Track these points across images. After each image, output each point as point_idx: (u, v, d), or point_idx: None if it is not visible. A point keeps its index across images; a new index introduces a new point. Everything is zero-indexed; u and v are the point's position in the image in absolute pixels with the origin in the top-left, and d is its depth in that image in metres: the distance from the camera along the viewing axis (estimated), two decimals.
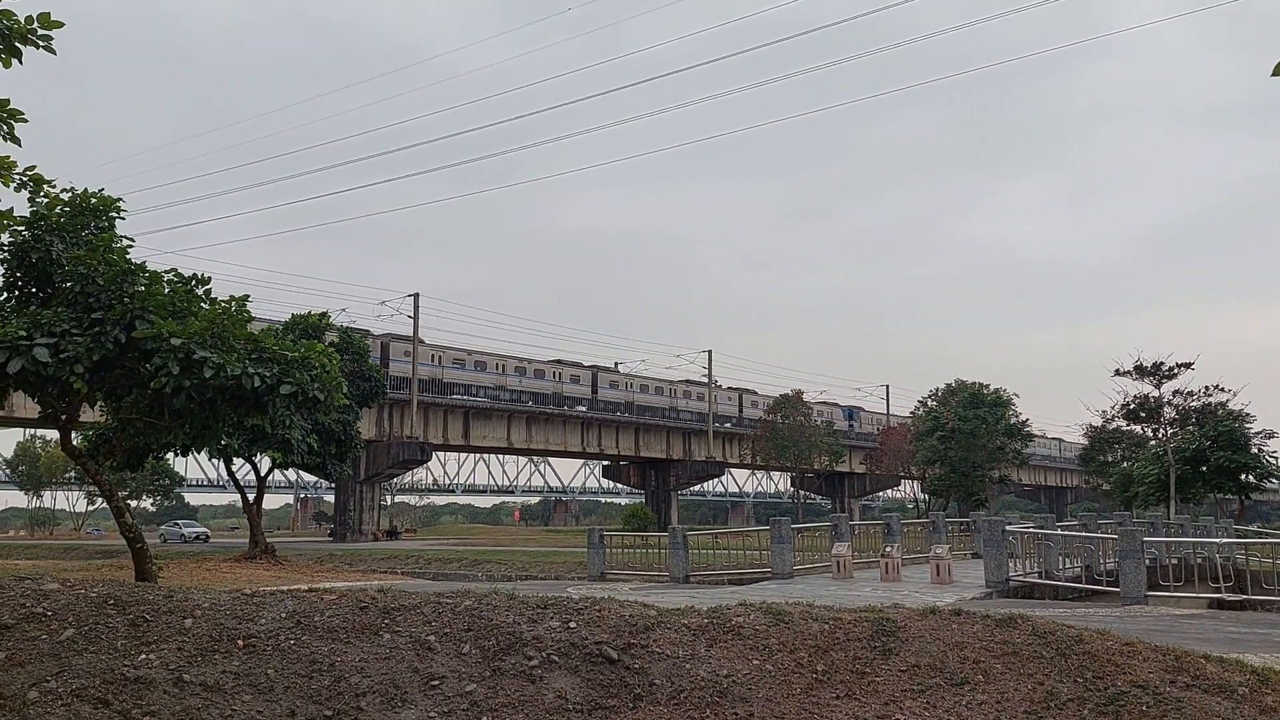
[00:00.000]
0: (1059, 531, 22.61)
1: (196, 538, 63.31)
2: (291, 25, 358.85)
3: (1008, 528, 20.21)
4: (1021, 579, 19.19)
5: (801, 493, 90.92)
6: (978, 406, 59.67)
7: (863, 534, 27.53)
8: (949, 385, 64.95)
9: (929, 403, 66.62)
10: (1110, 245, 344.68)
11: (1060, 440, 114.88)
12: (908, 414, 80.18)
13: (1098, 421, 55.30)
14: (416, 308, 62.65)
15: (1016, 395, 62.29)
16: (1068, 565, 20.70)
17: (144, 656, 7.78)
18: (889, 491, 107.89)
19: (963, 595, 17.05)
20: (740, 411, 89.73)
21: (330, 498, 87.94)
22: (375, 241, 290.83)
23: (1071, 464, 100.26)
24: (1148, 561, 18.07)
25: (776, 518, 23.68)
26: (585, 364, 79.60)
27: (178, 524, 70.44)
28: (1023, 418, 62.19)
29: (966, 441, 58.75)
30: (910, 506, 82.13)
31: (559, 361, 77.10)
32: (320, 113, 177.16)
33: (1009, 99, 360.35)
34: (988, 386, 62.18)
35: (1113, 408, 49.95)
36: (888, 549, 21.78)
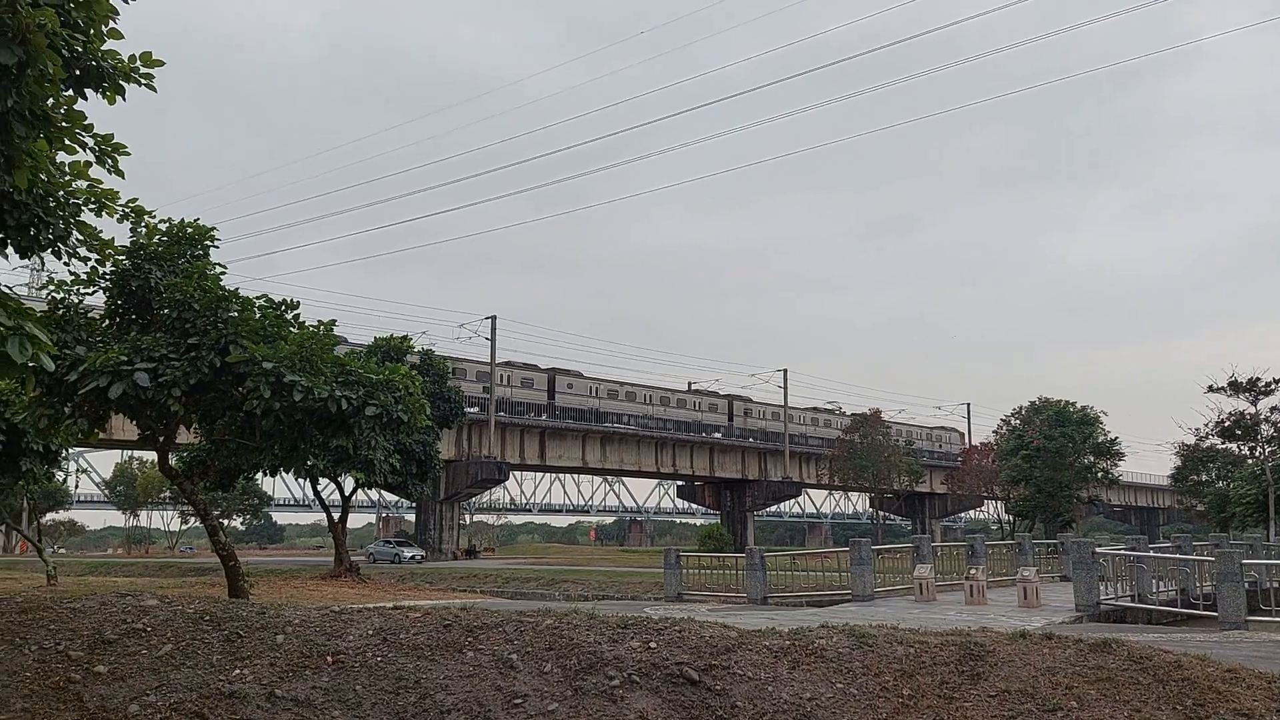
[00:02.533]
0: (1152, 553, 21.86)
1: (412, 559, 55.18)
2: (371, 57, 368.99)
3: (1098, 549, 19.62)
4: (1113, 603, 18.59)
5: (881, 513, 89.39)
6: (1064, 424, 58.04)
7: (945, 555, 26.94)
8: (1033, 403, 63.30)
9: (1012, 421, 65.02)
10: (1193, 259, 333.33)
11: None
12: (990, 433, 78.32)
13: (1190, 439, 53.37)
14: (494, 330, 63.53)
15: (1104, 413, 60.46)
16: (1161, 589, 20.00)
17: (238, 672, 8.02)
18: (971, 512, 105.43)
19: (1052, 619, 16.59)
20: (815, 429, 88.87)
21: (411, 517, 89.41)
22: (453, 265, 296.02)
23: (1162, 484, 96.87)
24: (1247, 585, 17.36)
25: (856, 539, 23.35)
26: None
27: (390, 542, 63.10)
28: (1111, 436, 60.33)
29: (1052, 461, 57.13)
30: (994, 528, 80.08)
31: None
32: (398, 141, 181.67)
33: (1088, 112, 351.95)
34: (1074, 404, 60.48)
35: (1206, 425, 48.21)
36: (972, 571, 21.29)
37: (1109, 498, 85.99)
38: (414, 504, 66.82)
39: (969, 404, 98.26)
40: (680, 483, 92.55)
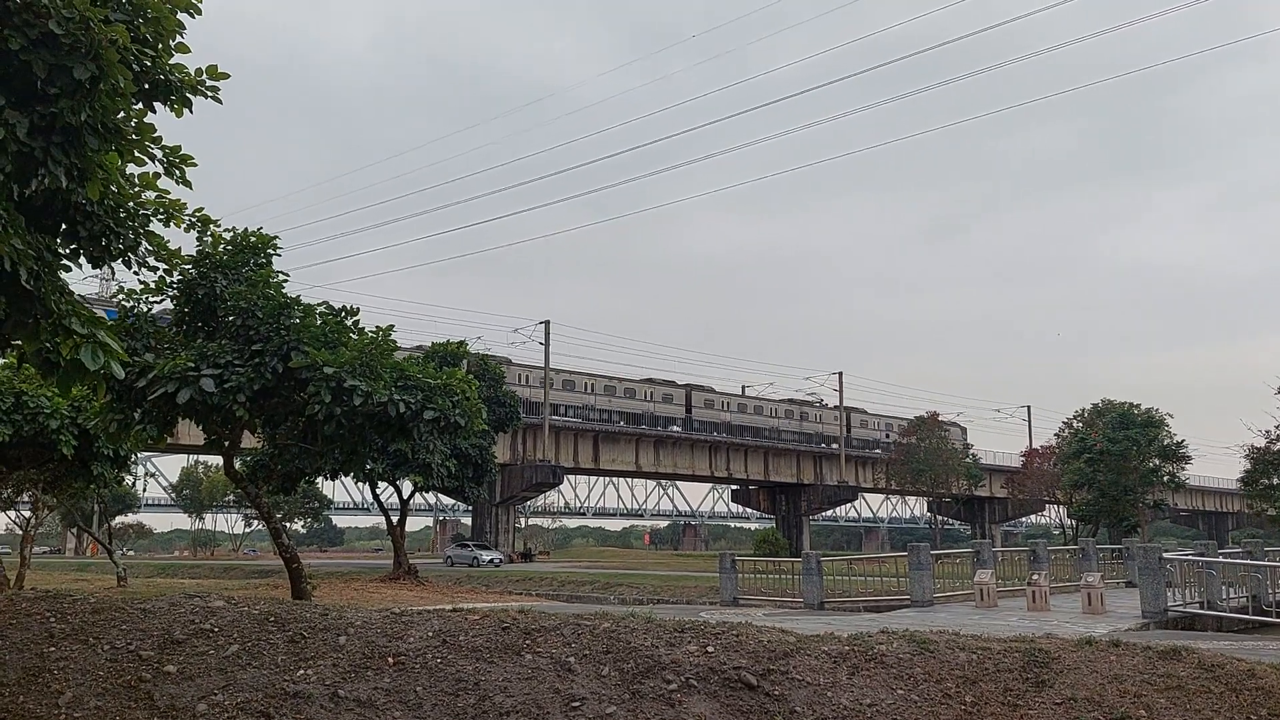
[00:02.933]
0: (1221, 559, 21.28)
1: (491, 562, 52.75)
2: (428, 67, 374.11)
3: (1165, 555, 19.15)
4: (1181, 609, 18.12)
5: (939, 518, 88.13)
6: (1127, 427, 56.77)
7: (1006, 561, 26.50)
8: (1095, 405, 62.06)
9: (1074, 424, 63.79)
10: (1262, 258, 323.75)
11: None
12: (1051, 436, 76.82)
13: (1260, 442, 51.78)
14: (547, 335, 63.98)
15: (1170, 415, 59.00)
16: (1232, 595, 19.46)
17: (302, 672, 8.16)
18: (1032, 517, 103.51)
19: (1117, 626, 16.22)
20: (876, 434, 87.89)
21: (467, 520, 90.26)
22: (508, 271, 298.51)
23: (1231, 487, 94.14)
24: None
25: (915, 544, 23.07)
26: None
27: (468, 545, 59.80)
28: (1177, 438, 58.85)
29: (1116, 464, 55.90)
30: (1056, 533, 78.45)
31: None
32: (455, 148, 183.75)
33: (1152, 108, 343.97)
34: (1138, 406, 59.13)
35: (1277, 427, 46.78)
36: (1034, 577, 20.90)
37: (1175, 502, 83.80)
38: (470, 507, 67.46)
39: (1029, 406, 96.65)
40: (734, 487, 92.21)
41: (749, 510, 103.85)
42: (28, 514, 25.00)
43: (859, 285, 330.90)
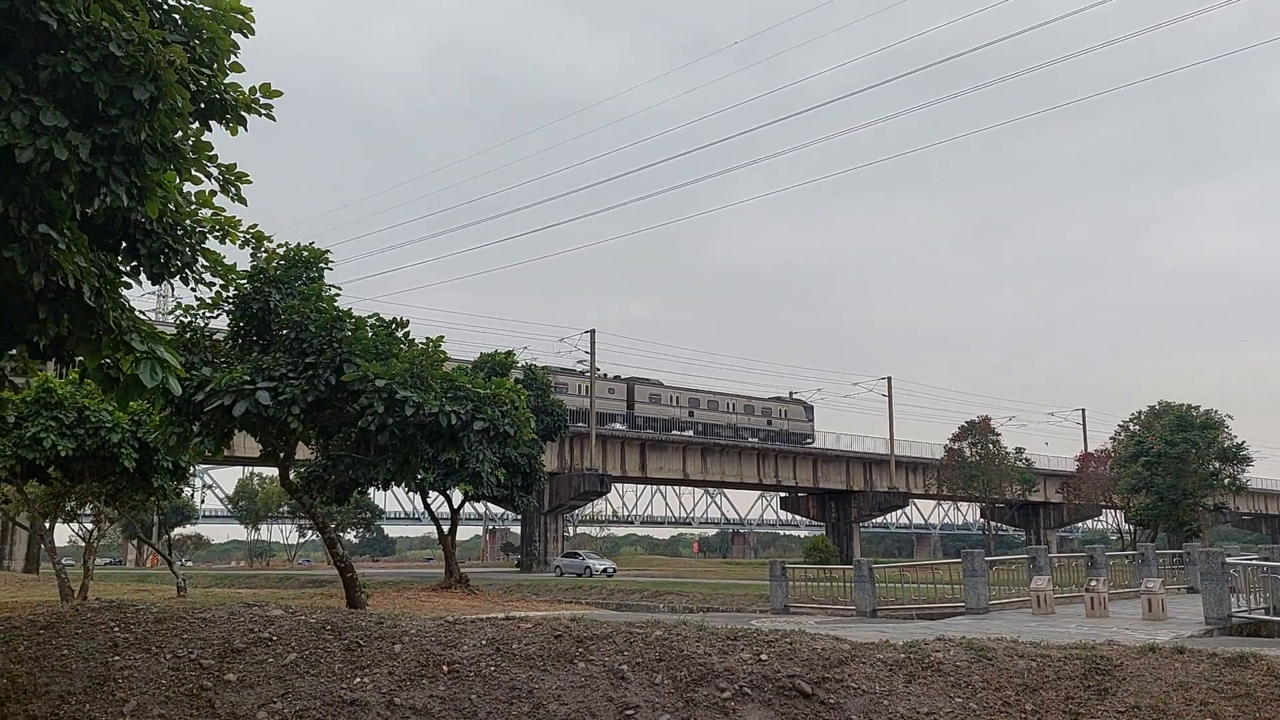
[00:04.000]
0: None
1: (604, 571, 51.88)
2: (471, 82, 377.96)
3: (1228, 559, 18.67)
4: (1246, 615, 17.64)
5: (993, 524, 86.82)
6: (1186, 430, 55.49)
7: (1063, 567, 26.01)
8: (1152, 407, 60.77)
9: (1131, 426, 62.52)
10: None
11: None
12: (1107, 439, 75.31)
13: None
14: (593, 343, 64.29)
15: (1229, 416, 57.58)
16: None
17: (358, 680, 8.25)
18: (1088, 522, 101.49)
19: (1180, 632, 15.84)
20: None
21: (517, 529, 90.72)
22: (552, 280, 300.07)
23: None
24: None
25: (969, 550, 22.74)
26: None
27: (577, 555, 57.91)
28: (1238, 440, 57.40)
29: (1175, 467, 54.65)
30: (1113, 538, 76.78)
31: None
32: (499, 160, 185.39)
33: (1202, 103, 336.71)
34: (1196, 407, 57.79)
35: None
36: (1092, 583, 20.49)
37: (1236, 505, 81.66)
38: (519, 516, 67.80)
39: (1083, 409, 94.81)
40: (783, 494, 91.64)
41: (798, 517, 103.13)
42: (90, 526, 25.58)
43: (905, 288, 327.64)
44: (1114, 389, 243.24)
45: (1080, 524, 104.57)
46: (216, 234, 9.23)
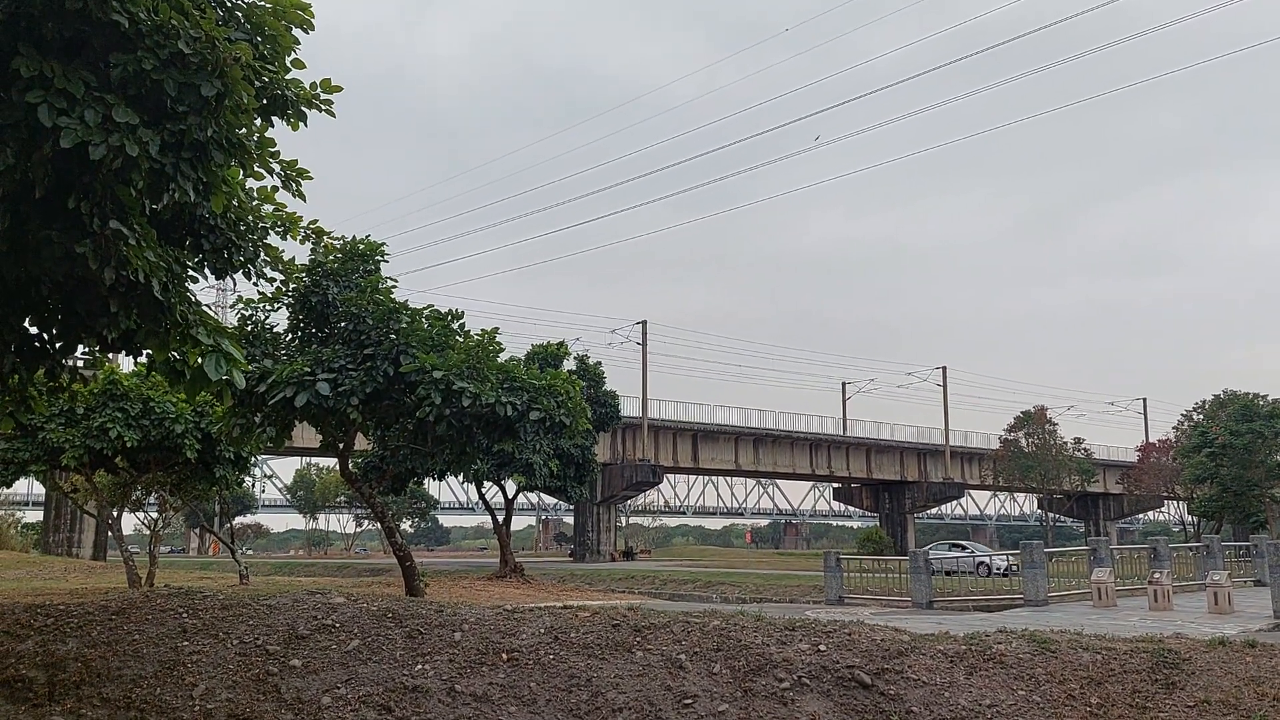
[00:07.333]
0: None
1: (1004, 570, 32.36)
2: (523, 75, 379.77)
3: None
4: None
5: (1050, 515, 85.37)
6: (1251, 419, 54.11)
7: (1124, 559, 25.52)
8: (1217, 397, 59.35)
9: (1195, 416, 61.10)
10: None
11: None
12: (1170, 429, 73.62)
13: None
14: (644, 335, 64.21)
15: None
16: None
17: (420, 667, 8.37)
18: (1150, 513, 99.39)
19: (1248, 626, 15.45)
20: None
21: (569, 519, 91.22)
22: (604, 272, 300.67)
23: None
24: None
25: (1027, 542, 22.42)
26: None
27: (961, 546, 39.94)
28: None
29: (1240, 458, 53.33)
30: (1176, 530, 75.14)
31: None
32: (551, 151, 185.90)
33: (1269, 85, 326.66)
34: (1263, 396, 56.32)
35: None
36: (1156, 575, 20.07)
37: None
38: (572, 506, 68.15)
39: (1144, 399, 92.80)
40: (836, 485, 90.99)
41: (851, 508, 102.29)
42: (155, 515, 26.25)
43: (962, 276, 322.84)
44: (1177, 379, 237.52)
45: (1141, 515, 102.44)
46: (278, 229, 9.39)
